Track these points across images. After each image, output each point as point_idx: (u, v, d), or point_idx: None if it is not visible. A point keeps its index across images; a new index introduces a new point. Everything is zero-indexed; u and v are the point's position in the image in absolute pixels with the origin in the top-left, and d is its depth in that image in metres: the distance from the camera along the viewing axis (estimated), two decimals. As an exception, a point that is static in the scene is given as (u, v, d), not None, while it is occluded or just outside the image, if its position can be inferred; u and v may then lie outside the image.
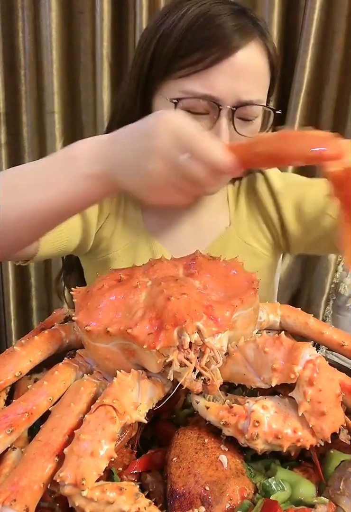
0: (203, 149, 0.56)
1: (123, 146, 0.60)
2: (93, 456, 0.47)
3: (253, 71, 0.82)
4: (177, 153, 0.56)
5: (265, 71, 0.85)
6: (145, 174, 0.58)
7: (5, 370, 0.59)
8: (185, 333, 0.53)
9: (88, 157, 0.61)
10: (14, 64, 1.57)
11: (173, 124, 0.57)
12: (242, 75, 0.80)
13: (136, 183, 0.60)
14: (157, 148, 0.56)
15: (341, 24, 1.45)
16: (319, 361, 0.54)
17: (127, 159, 0.59)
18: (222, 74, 0.79)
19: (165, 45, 0.81)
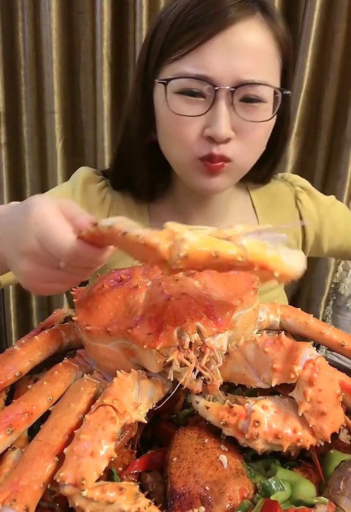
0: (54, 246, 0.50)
1: (5, 241, 0.57)
2: (93, 456, 0.47)
3: (253, 49, 0.75)
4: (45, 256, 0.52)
5: (271, 52, 0.78)
6: (20, 274, 0.55)
7: (5, 370, 0.59)
8: (185, 333, 0.53)
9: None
10: (14, 64, 1.57)
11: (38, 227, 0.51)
12: (239, 51, 0.74)
13: (18, 278, 0.57)
14: (24, 253, 0.53)
15: (341, 24, 1.45)
16: (319, 361, 0.54)
17: (7, 255, 0.57)
18: (216, 51, 0.73)
19: (159, 30, 0.78)
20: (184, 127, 0.78)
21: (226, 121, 0.75)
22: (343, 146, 1.54)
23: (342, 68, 1.50)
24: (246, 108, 0.76)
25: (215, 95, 0.74)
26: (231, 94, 0.74)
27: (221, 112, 0.75)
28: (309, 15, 1.44)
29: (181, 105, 0.77)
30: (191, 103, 0.76)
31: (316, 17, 1.43)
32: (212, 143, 0.77)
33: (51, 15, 1.47)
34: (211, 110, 0.75)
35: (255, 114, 0.77)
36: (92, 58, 1.55)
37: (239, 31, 0.74)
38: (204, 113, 0.76)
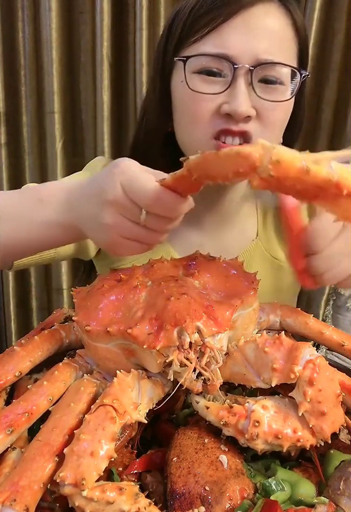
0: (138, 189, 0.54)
1: (84, 201, 0.60)
2: (93, 456, 0.47)
3: (271, 31, 0.76)
4: (128, 206, 0.55)
5: (288, 36, 0.78)
6: (102, 229, 0.58)
7: (5, 370, 0.59)
8: (185, 333, 0.53)
9: (55, 205, 0.62)
10: (14, 64, 1.57)
11: (124, 175, 0.55)
12: (259, 32, 0.75)
13: (96, 236, 0.61)
14: (109, 202, 0.56)
15: (341, 24, 1.45)
16: (319, 361, 0.54)
17: (87, 214, 0.60)
18: (235, 30, 0.74)
19: (178, 17, 0.79)
20: (201, 105, 0.77)
21: (245, 98, 0.74)
22: (343, 146, 1.54)
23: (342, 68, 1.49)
24: (265, 89, 0.76)
25: (234, 74, 0.74)
26: (250, 73, 0.74)
27: (241, 90, 0.74)
28: (309, 15, 1.43)
29: (199, 84, 0.76)
30: (210, 83, 0.76)
31: (316, 17, 1.43)
32: (230, 120, 0.76)
33: (51, 15, 1.47)
34: (230, 89, 0.75)
35: (274, 95, 0.77)
36: (92, 58, 1.54)
37: (258, 13, 0.75)
38: (223, 91, 0.75)
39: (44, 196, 0.63)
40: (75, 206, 0.61)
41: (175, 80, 0.81)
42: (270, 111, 0.78)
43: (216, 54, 0.74)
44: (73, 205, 0.61)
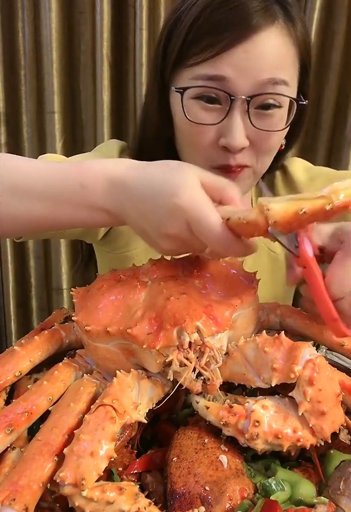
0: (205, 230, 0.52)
1: (145, 196, 0.55)
2: (93, 456, 0.47)
3: (273, 57, 0.74)
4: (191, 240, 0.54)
5: (290, 57, 0.77)
6: (159, 249, 0.58)
7: (5, 370, 0.59)
8: (185, 332, 0.53)
9: (101, 193, 0.57)
10: (14, 64, 1.57)
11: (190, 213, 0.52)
12: (259, 61, 0.73)
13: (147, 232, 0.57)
14: (169, 235, 0.55)
15: (341, 24, 1.45)
16: (319, 360, 0.54)
17: (147, 213, 0.55)
18: (235, 57, 0.72)
19: (177, 31, 0.77)
20: (201, 136, 0.78)
21: (240, 131, 0.75)
22: (343, 146, 1.54)
23: (342, 69, 1.50)
24: (261, 116, 0.77)
25: (230, 105, 0.74)
26: (246, 103, 0.74)
27: (236, 122, 0.75)
28: (309, 15, 1.44)
29: (197, 112, 0.77)
30: (208, 110, 0.76)
31: (316, 18, 1.43)
32: (227, 153, 0.78)
33: (51, 15, 1.47)
34: (226, 119, 0.76)
35: (270, 122, 0.77)
36: (92, 58, 1.55)
37: (260, 39, 0.73)
38: (220, 122, 0.76)
39: (86, 182, 0.57)
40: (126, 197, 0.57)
41: (174, 101, 0.81)
42: (265, 140, 0.79)
43: (213, 78, 0.74)
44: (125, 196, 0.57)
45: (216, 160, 0.80)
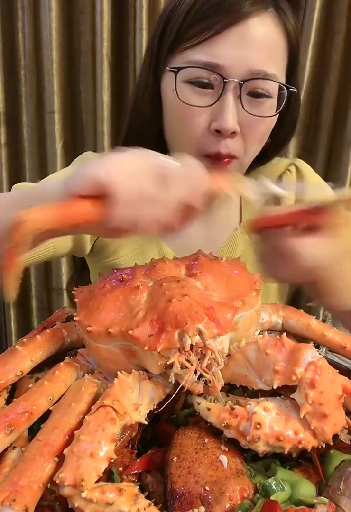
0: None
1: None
2: (92, 457, 0.47)
3: (265, 43, 0.75)
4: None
5: (281, 47, 0.78)
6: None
7: (6, 369, 0.59)
8: (186, 335, 0.53)
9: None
10: (14, 64, 1.57)
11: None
12: (252, 45, 0.74)
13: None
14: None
15: (341, 24, 1.45)
16: (321, 363, 0.54)
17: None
18: (228, 43, 0.73)
19: (175, 15, 0.78)
20: (192, 119, 0.78)
21: (233, 114, 0.75)
22: (343, 146, 1.54)
23: (342, 68, 1.49)
24: (252, 102, 0.77)
25: (223, 87, 0.74)
26: (239, 87, 0.74)
27: (228, 105, 0.74)
28: (309, 15, 1.43)
29: (189, 95, 0.77)
30: (200, 94, 0.76)
31: (316, 17, 1.43)
32: (219, 138, 0.77)
33: (51, 15, 1.47)
34: (218, 102, 0.75)
35: (261, 109, 0.77)
36: (92, 58, 1.54)
37: (253, 25, 0.74)
38: (212, 105, 0.76)
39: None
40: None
41: (166, 85, 0.81)
42: (254, 127, 0.79)
43: (206, 64, 0.74)
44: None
45: (207, 146, 0.79)
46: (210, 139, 0.78)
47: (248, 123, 0.77)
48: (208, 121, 0.77)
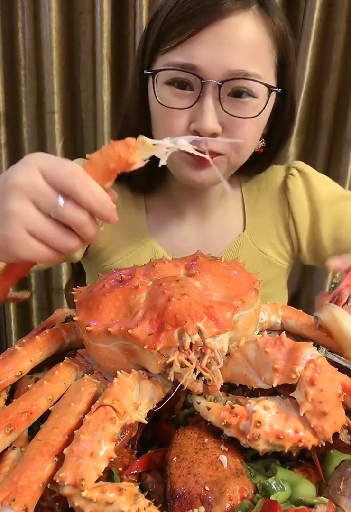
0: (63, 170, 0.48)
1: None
2: (92, 457, 0.47)
3: (244, 42, 0.73)
4: (43, 191, 0.48)
5: (264, 46, 0.76)
6: (4, 217, 0.49)
7: (6, 370, 0.59)
8: (186, 334, 0.53)
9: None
10: (14, 64, 1.57)
11: (44, 160, 0.49)
12: (230, 44, 0.72)
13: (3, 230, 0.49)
14: (18, 186, 0.48)
15: (341, 24, 1.45)
16: (320, 361, 0.54)
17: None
18: (206, 43, 0.72)
19: (156, 19, 0.78)
20: (171, 120, 0.77)
21: (212, 116, 0.74)
22: (343, 146, 1.54)
23: (342, 68, 1.50)
24: (234, 103, 0.75)
25: (202, 88, 0.73)
26: (218, 88, 0.73)
27: (207, 106, 0.73)
28: (309, 15, 1.43)
29: (169, 97, 0.77)
30: (179, 96, 0.76)
31: (316, 17, 1.43)
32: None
33: (51, 15, 1.47)
34: (197, 104, 0.74)
35: (243, 110, 0.76)
36: (92, 58, 1.55)
37: (231, 24, 0.72)
38: (191, 106, 0.75)
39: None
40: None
41: (150, 88, 0.81)
42: (238, 127, 0.77)
43: (183, 65, 0.73)
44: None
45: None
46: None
47: (230, 124, 0.76)
48: (188, 121, 0.77)
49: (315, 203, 0.94)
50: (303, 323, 0.69)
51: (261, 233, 0.96)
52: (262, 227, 0.96)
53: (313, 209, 0.94)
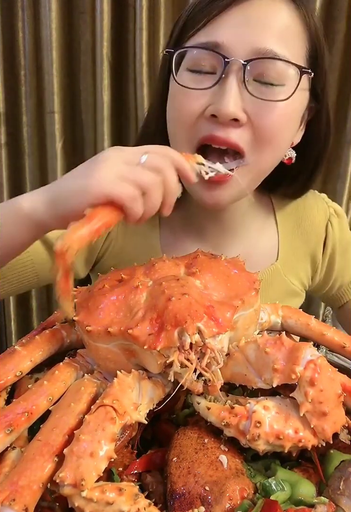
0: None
1: (66, 176, 0.60)
2: (92, 457, 0.47)
3: (274, 22, 0.67)
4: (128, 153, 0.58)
5: (295, 30, 0.69)
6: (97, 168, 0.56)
7: (6, 370, 0.59)
8: (186, 333, 0.53)
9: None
10: (14, 64, 1.56)
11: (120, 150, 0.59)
12: (258, 23, 0.66)
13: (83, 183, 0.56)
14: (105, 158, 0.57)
15: (341, 24, 1.45)
16: (320, 361, 0.54)
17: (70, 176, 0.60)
18: (232, 21, 0.67)
19: (183, 14, 0.75)
20: (188, 105, 0.70)
21: (234, 98, 0.66)
22: (343, 146, 1.54)
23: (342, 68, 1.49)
24: (260, 88, 0.67)
25: (225, 69, 0.66)
26: (243, 69, 0.65)
27: (230, 87, 0.66)
28: (309, 15, 1.43)
29: (188, 80, 0.71)
30: (199, 80, 0.70)
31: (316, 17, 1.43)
32: (215, 124, 0.68)
33: (51, 15, 1.47)
34: (218, 85, 0.67)
35: (271, 93, 0.67)
36: (92, 58, 1.54)
37: (260, 4, 0.68)
38: (211, 87, 0.68)
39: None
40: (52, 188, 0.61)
41: (171, 80, 0.76)
42: (267, 114, 0.68)
43: (206, 44, 0.67)
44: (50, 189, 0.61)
45: (199, 133, 0.70)
46: (204, 124, 0.70)
47: (257, 112, 0.68)
48: (204, 106, 0.69)
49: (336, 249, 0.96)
50: (303, 323, 0.69)
51: (292, 264, 0.92)
52: (294, 259, 0.92)
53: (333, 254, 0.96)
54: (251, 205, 0.88)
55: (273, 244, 0.92)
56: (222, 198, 0.74)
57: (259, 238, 0.91)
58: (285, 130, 0.73)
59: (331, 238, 0.95)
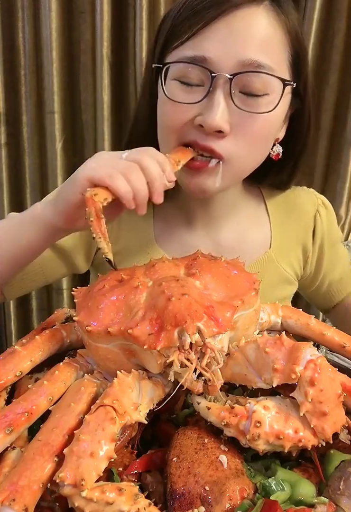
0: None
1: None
2: (92, 457, 0.47)
3: (257, 34, 0.70)
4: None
5: (277, 41, 0.72)
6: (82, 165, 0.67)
7: (6, 370, 0.59)
8: (186, 333, 0.53)
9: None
10: (14, 64, 1.56)
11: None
12: (242, 36, 0.69)
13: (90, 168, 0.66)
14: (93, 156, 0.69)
15: (341, 24, 1.45)
16: (320, 361, 0.54)
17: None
18: (217, 35, 0.69)
19: (167, 18, 0.77)
20: (176, 114, 0.74)
21: (221, 112, 0.70)
22: (343, 146, 1.54)
23: (342, 68, 1.50)
24: (246, 100, 0.71)
25: (212, 83, 0.69)
26: (229, 83, 0.69)
27: (217, 101, 0.70)
28: (309, 15, 1.43)
29: (177, 92, 0.74)
30: (188, 92, 0.73)
31: (316, 17, 1.43)
32: (200, 133, 0.73)
33: (51, 15, 1.47)
34: (207, 99, 0.71)
35: (256, 107, 0.72)
36: (92, 58, 1.54)
37: (242, 16, 0.70)
38: (199, 101, 0.71)
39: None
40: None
41: (159, 87, 0.78)
42: (249, 126, 0.73)
43: (193, 58, 0.70)
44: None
45: (186, 135, 0.74)
46: (191, 130, 0.74)
47: (240, 122, 0.72)
48: (193, 116, 0.73)
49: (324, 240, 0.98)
50: (303, 323, 0.69)
51: (284, 252, 0.95)
52: (286, 247, 0.95)
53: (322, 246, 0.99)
54: (241, 194, 0.92)
55: (266, 232, 0.95)
56: (207, 186, 0.77)
57: (251, 225, 0.94)
58: (267, 135, 0.78)
59: (319, 228, 0.97)
